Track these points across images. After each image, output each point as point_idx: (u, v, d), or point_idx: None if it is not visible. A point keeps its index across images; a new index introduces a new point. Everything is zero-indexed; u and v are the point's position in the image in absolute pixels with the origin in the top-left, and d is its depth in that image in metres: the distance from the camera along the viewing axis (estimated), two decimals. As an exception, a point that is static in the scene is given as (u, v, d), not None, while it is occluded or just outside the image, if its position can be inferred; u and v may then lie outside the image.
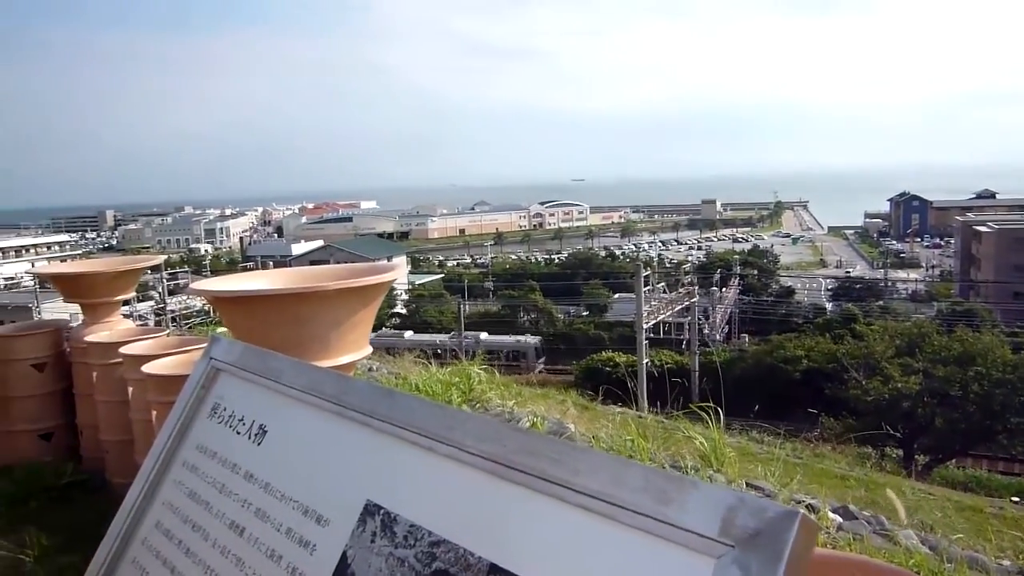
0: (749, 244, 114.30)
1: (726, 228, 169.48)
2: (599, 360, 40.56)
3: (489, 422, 1.09)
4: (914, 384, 26.67)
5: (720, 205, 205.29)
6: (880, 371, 28.25)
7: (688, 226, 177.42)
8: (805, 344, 38.87)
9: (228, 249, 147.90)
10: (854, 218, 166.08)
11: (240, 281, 3.04)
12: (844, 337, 38.36)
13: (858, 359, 30.56)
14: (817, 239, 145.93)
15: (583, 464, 0.93)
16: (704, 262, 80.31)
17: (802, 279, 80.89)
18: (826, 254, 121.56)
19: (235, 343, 1.80)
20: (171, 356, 4.81)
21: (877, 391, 27.06)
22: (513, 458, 1.00)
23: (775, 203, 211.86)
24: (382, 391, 1.27)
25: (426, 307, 58.06)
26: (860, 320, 45.30)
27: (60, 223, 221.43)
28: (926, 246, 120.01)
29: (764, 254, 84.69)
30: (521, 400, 7.33)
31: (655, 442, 5.28)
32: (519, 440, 1.01)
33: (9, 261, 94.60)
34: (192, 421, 1.78)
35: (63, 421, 6.17)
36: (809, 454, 15.14)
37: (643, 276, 33.01)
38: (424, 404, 1.20)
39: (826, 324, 47.09)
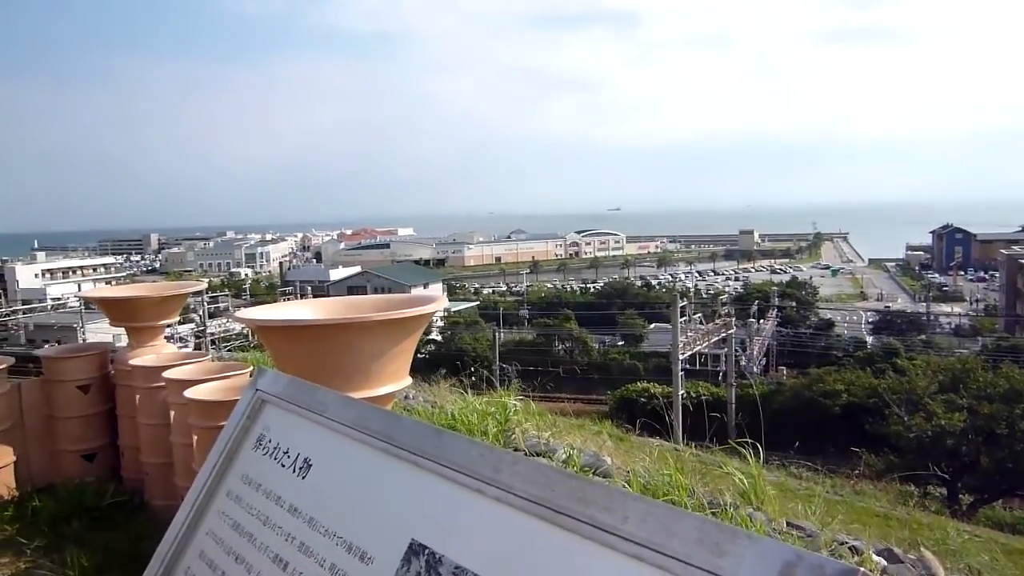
0: (787, 275, 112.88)
1: (764, 259, 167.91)
2: (634, 390, 40.21)
3: (539, 465, 1.08)
4: (958, 421, 25.97)
5: (758, 236, 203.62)
6: (923, 407, 27.57)
7: (725, 256, 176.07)
8: (845, 378, 38.15)
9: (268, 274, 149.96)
10: (895, 250, 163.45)
11: (284, 310, 3.07)
12: (885, 371, 37.54)
13: (900, 394, 29.87)
14: (857, 271, 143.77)
15: (634, 512, 0.92)
16: (741, 293, 79.49)
17: (842, 312, 79.61)
18: (867, 286, 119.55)
19: (281, 375, 1.81)
20: (212, 381, 4.87)
21: (919, 428, 26.39)
22: (562, 503, 0.99)
23: (814, 234, 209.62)
24: (430, 430, 1.27)
25: (461, 334, 58.11)
26: (902, 354, 44.37)
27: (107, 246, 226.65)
28: (970, 279, 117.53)
29: (803, 286, 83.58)
30: (557, 431, 7.28)
31: (693, 477, 5.20)
32: (569, 485, 1.00)
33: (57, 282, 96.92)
34: (237, 451, 1.80)
35: (106, 442, 6.26)
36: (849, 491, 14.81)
37: (679, 306, 32.81)
38: (473, 445, 1.20)
39: (867, 358, 46.20)
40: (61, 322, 57.51)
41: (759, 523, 4.37)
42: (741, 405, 33.71)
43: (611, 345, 62.70)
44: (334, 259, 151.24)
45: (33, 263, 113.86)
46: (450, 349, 55.06)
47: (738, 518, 4.35)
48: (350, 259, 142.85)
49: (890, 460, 26.35)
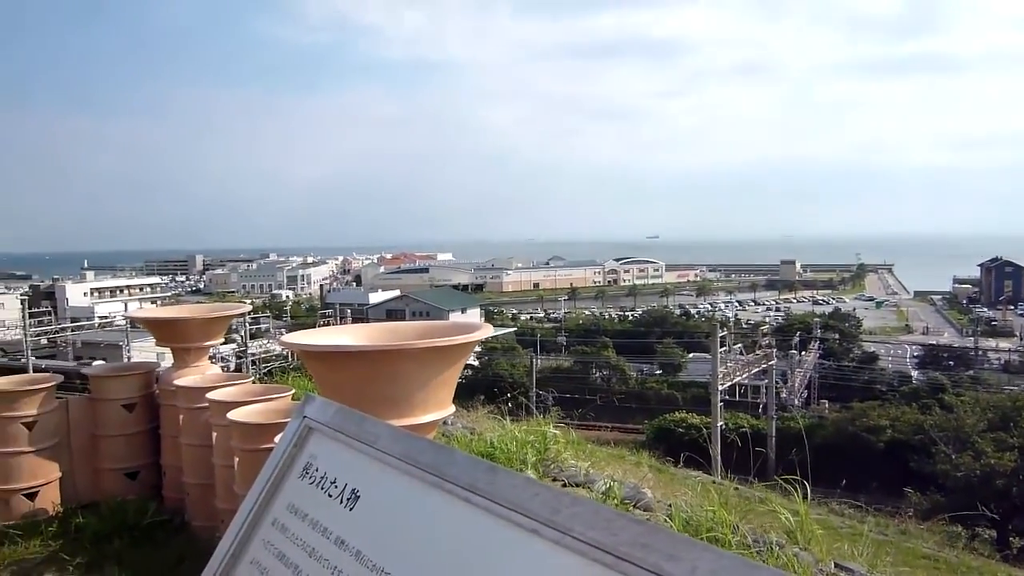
0: (830, 307, 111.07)
1: (806, 290, 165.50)
2: (672, 420, 39.76)
3: (599, 508, 1.04)
4: (1009, 461, 25.22)
5: (800, 266, 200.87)
6: (971, 445, 26.85)
7: (766, 287, 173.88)
8: (890, 413, 37.34)
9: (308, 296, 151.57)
10: (942, 283, 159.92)
11: (329, 336, 3.07)
12: (931, 408, 36.67)
13: (947, 432, 29.14)
14: (902, 304, 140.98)
15: (704, 562, 0.87)
16: (783, 324, 78.39)
17: (886, 345, 78.02)
18: (912, 319, 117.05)
19: (329, 403, 1.80)
20: (255, 404, 4.90)
21: (968, 467, 25.69)
22: (624, 550, 0.95)
23: (858, 265, 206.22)
24: (484, 465, 1.24)
25: (498, 360, 58.05)
26: (949, 390, 43.29)
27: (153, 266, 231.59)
28: (1020, 314, 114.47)
29: (846, 318, 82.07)
30: (595, 461, 7.18)
31: (736, 514, 5.07)
32: (632, 531, 0.96)
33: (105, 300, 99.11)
34: (283, 479, 1.78)
35: (148, 461, 6.32)
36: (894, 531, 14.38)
37: (719, 336, 32.40)
38: (529, 483, 1.16)
39: (912, 393, 45.19)
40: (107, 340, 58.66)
41: (806, 564, 4.24)
42: (781, 438, 33.16)
43: (649, 374, 62.18)
44: (373, 283, 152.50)
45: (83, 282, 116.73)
46: (487, 375, 55.02)
47: (784, 558, 4.22)
48: (389, 283, 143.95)
49: (936, 499, 25.63)
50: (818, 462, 27.24)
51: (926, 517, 20.07)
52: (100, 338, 61.43)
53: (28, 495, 5.81)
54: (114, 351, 52.21)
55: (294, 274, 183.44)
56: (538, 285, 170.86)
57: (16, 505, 5.75)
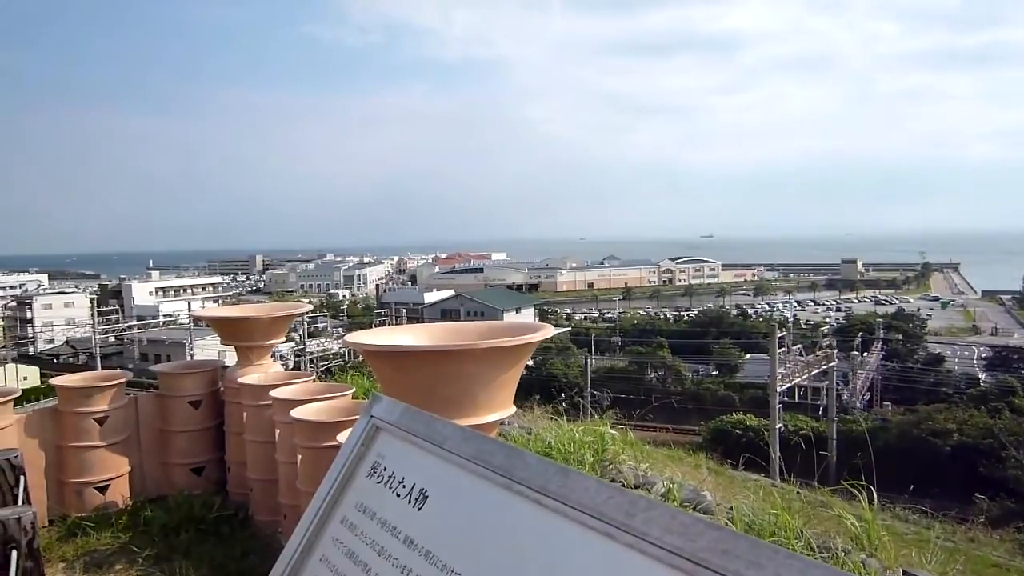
0: (893, 307, 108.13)
1: (868, 289, 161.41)
2: (728, 422, 39.23)
3: (676, 512, 1.02)
4: (1084, 467, 24.29)
5: (861, 265, 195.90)
6: (1044, 450, 25.92)
7: (826, 286, 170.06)
8: (957, 417, 36.20)
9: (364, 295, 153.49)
10: (1011, 282, 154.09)
11: (392, 336, 3.10)
12: (1001, 411, 35.49)
13: (1018, 436, 28.21)
14: (969, 304, 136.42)
15: (788, 570, 0.85)
16: (844, 324, 76.56)
17: (952, 346, 75.59)
18: (979, 320, 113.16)
19: (396, 403, 1.81)
20: (317, 402, 4.97)
21: (1040, 472, 24.81)
22: (704, 556, 0.93)
23: (922, 264, 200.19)
24: (555, 468, 1.23)
25: (553, 360, 57.97)
26: (1019, 393, 41.77)
27: (215, 266, 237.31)
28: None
29: (910, 318, 79.80)
30: (653, 463, 7.12)
31: (799, 518, 4.97)
32: (711, 536, 0.94)
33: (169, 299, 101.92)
34: (352, 478, 1.79)
35: (214, 456, 6.47)
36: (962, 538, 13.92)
37: (778, 337, 31.79)
38: (602, 486, 1.14)
39: (980, 396, 43.72)
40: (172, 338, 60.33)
41: (874, 571, 4.13)
42: (843, 441, 32.42)
43: (705, 375, 61.40)
44: (428, 282, 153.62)
45: (148, 281, 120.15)
46: (541, 374, 54.99)
47: (851, 564, 4.12)
48: (444, 283, 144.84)
49: (1008, 506, 24.80)
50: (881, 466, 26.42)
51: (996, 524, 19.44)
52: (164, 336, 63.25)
53: (99, 488, 6.00)
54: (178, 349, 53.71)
55: (351, 274, 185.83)
56: (592, 285, 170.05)
57: (88, 497, 5.95)
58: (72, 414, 5.91)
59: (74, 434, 5.92)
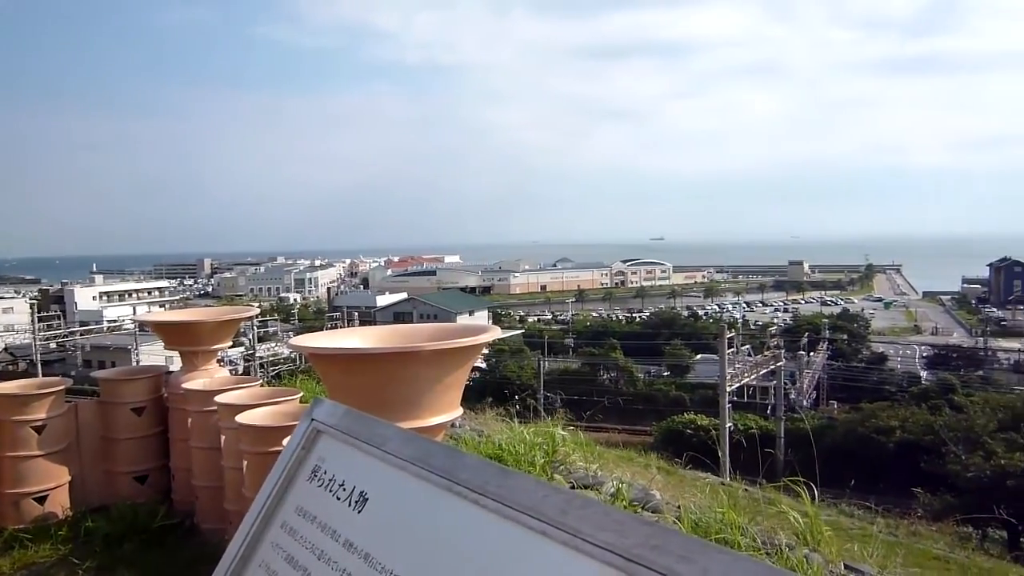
0: (838, 308, 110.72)
1: (814, 290, 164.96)
2: (680, 422, 39.65)
3: (609, 510, 1.03)
4: (1020, 461, 25.12)
5: (808, 267, 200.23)
6: (982, 446, 26.74)
7: (774, 288, 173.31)
8: (899, 414, 37.17)
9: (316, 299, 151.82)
10: (951, 283, 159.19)
11: (338, 339, 3.07)
12: (942, 408, 36.54)
13: (957, 432, 29.04)
14: (911, 304, 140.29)
15: (716, 564, 0.86)
16: (791, 325, 78.08)
17: (895, 345, 77.65)
18: (921, 320, 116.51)
19: (337, 405, 1.80)
20: (263, 407, 4.90)
21: (978, 467, 25.58)
22: (636, 552, 0.94)
23: (866, 266, 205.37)
24: (494, 468, 1.23)
25: (506, 362, 58.04)
26: (959, 391, 43.07)
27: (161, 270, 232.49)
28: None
29: (854, 318, 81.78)
30: (604, 463, 7.17)
31: (745, 515, 5.05)
32: (643, 532, 0.95)
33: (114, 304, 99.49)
34: (292, 482, 1.77)
35: (158, 464, 6.34)
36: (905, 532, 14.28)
37: (727, 337, 32.29)
38: (539, 485, 1.15)
39: (922, 394, 44.98)
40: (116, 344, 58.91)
41: (816, 565, 4.22)
42: (790, 439, 33.05)
43: (657, 376, 62.06)
44: (381, 285, 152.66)
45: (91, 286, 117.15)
46: (495, 377, 55.03)
47: (794, 560, 4.20)
48: (397, 286, 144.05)
49: (947, 500, 25.51)
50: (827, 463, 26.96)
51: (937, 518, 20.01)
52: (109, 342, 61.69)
53: (38, 499, 5.82)
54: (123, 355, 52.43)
55: (301, 277, 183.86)
56: (545, 287, 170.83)
57: (26, 509, 5.77)
58: (8, 423, 5.73)
59: (11, 443, 5.74)
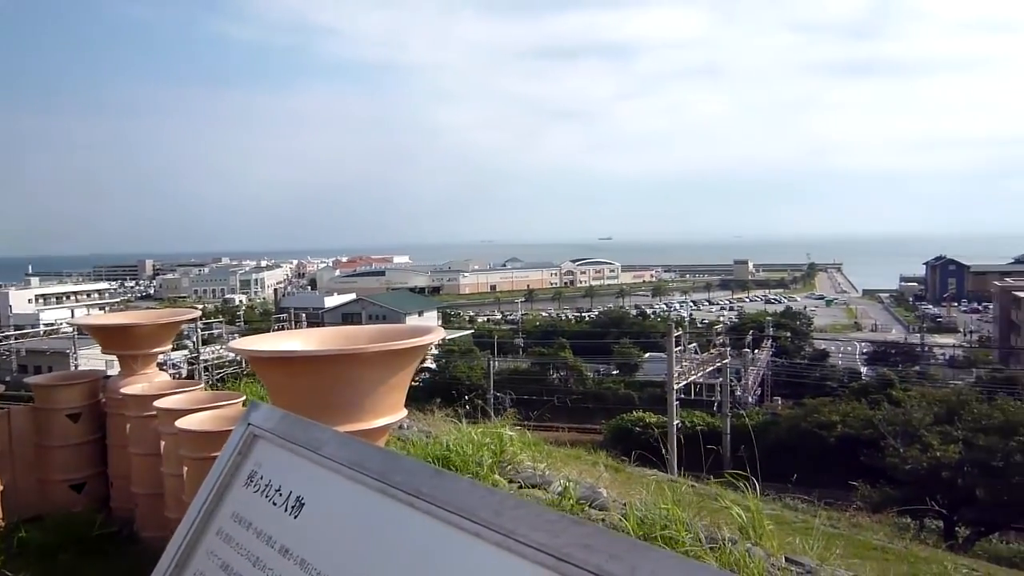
0: (782, 305, 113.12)
1: (759, 289, 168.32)
2: (629, 420, 40.10)
3: (542, 510, 1.04)
4: (954, 453, 25.93)
5: (752, 266, 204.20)
6: (918, 439, 27.54)
7: (720, 286, 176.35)
8: (840, 409, 38.10)
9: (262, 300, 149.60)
10: (889, 281, 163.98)
11: (279, 341, 3.03)
12: (880, 403, 37.56)
13: (896, 426, 29.86)
14: (851, 302, 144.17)
15: (645, 563, 0.87)
16: (736, 323, 79.51)
17: (836, 342, 79.69)
18: (861, 317, 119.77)
19: (275, 409, 1.77)
20: (204, 411, 4.81)
21: (916, 460, 26.34)
22: (567, 551, 0.95)
23: (808, 265, 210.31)
24: (429, 470, 1.23)
25: (456, 363, 57.93)
26: (897, 386, 44.36)
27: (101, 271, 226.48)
28: (964, 311, 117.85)
29: (797, 316, 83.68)
30: (552, 462, 7.20)
31: (690, 511, 5.12)
32: (575, 532, 0.96)
33: (51, 307, 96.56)
34: (228, 488, 1.74)
35: (95, 471, 6.16)
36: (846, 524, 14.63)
37: (675, 336, 32.74)
38: (474, 487, 1.15)
39: (862, 389, 46.20)
40: (54, 348, 57.20)
41: (758, 559, 4.29)
42: (737, 435, 33.65)
43: (606, 374, 62.62)
44: (329, 286, 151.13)
45: (27, 288, 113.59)
46: (445, 378, 54.91)
47: (736, 554, 4.27)
48: (345, 286, 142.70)
49: (887, 492, 26.23)
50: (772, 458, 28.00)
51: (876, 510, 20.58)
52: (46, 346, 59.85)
53: (-32, 509, 5.62)
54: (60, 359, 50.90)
55: (247, 278, 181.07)
56: (495, 287, 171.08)
57: (-44, 520, 5.57)
58: (-65, 431, 5.52)
59: (-62, 452, 5.53)
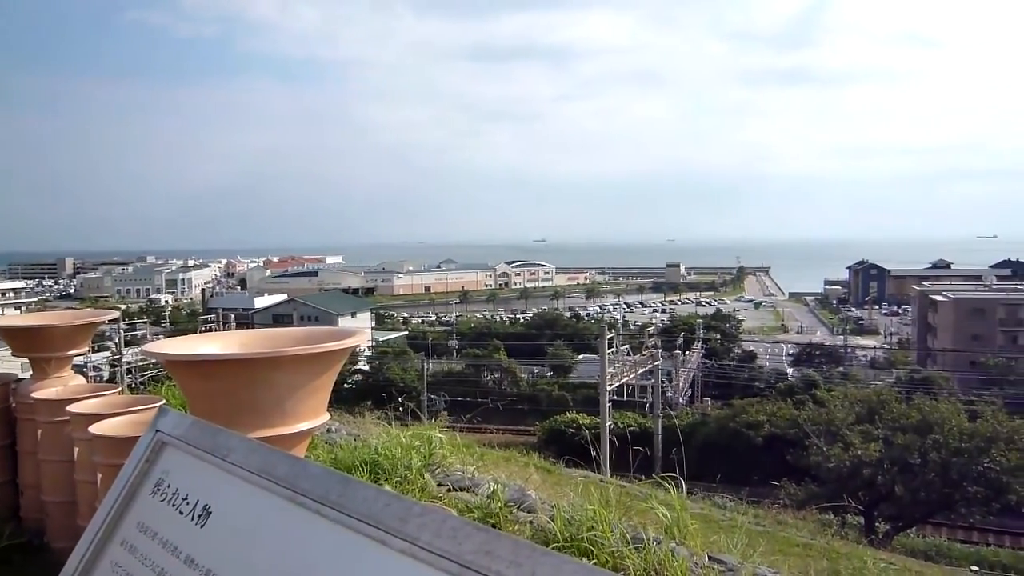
0: (712, 308, 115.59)
1: (690, 292, 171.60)
2: (563, 421, 40.42)
3: (447, 517, 1.04)
4: (874, 451, 26.85)
5: (684, 269, 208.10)
6: (841, 438, 28.43)
7: (652, 289, 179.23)
8: (767, 409, 39.10)
9: (189, 301, 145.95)
10: (815, 285, 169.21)
11: (195, 344, 2.95)
12: (805, 403, 38.69)
13: (819, 425, 30.76)
14: (778, 305, 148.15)
15: (543, 568, 0.88)
16: (668, 325, 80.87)
17: (764, 344, 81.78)
18: (787, 320, 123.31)
19: (184, 415, 1.73)
20: (120, 416, 4.66)
21: (838, 458, 27.18)
22: (470, 558, 0.95)
23: (737, 268, 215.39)
24: (336, 477, 1.21)
25: (389, 365, 57.47)
26: (821, 386, 45.77)
27: (17, 269, 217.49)
28: (884, 314, 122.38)
29: (727, 318, 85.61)
30: (483, 464, 7.20)
31: (617, 512, 5.19)
32: (477, 539, 0.96)
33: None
34: (134, 496, 1.69)
35: (4, 480, 5.91)
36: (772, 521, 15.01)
37: (607, 338, 33.09)
38: (380, 494, 1.14)
39: (788, 390, 47.52)
40: (-36, 350, 54.70)
41: (681, 558, 4.37)
42: (668, 436, 34.24)
43: (540, 376, 62.97)
44: (259, 287, 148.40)
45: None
46: (377, 380, 54.41)
47: (661, 553, 4.34)
48: (276, 287, 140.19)
49: (811, 490, 27.03)
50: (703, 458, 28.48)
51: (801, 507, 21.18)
52: (-44, 348, 57.20)
53: None
54: (-28, 362, 48.70)
55: (174, 278, 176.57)
56: (430, 288, 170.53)
57: None
58: None
59: None
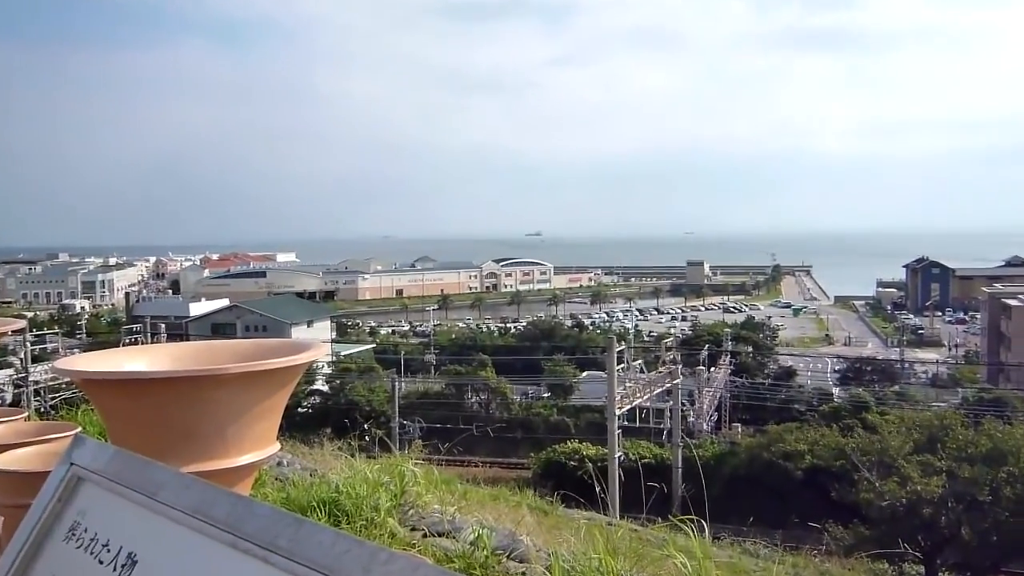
0: (742, 315, 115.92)
1: (715, 295, 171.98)
2: (562, 452, 40.43)
3: (420, 565, 1.04)
4: (936, 487, 26.84)
5: (709, 268, 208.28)
6: (896, 470, 28.43)
7: (671, 292, 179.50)
8: (808, 437, 39.15)
9: (111, 306, 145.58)
10: (865, 287, 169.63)
11: (117, 359, 2.95)
12: (854, 429, 38.73)
13: (870, 455, 30.79)
14: (822, 310, 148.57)
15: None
16: (689, 336, 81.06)
17: (805, 358, 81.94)
18: (833, 328, 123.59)
19: (105, 446, 1.73)
20: (27, 447, 4.64)
21: (893, 494, 27.18)
22: (446, 612, 0.96)
23: (773, 267, 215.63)
24: (287, 519, 1.22)
25: (353, 384, 57.36)
26: (872, 409, 45.92)
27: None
28: (948, 321, 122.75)
29: (760, 327, 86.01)
30: (466, 505, 7.21)
31: (628, 560, 5.20)
32: (454, 591, 0.97)
33: None
34: (44, 543, 1.69)
35: None
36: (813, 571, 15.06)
37: (617, 351, 33.15)
38: (339, 538, 1.15)
39: (833, 413, 47.65)
40: None
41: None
42: (689, 469, 34.29)
43: (535, 397, 62.98)
44: (195, 290, 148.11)
45: None
46: (339, 402, 54.35)
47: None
48: (216, 290, 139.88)
49: (860, 532, 27.09)
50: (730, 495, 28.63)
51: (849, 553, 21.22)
52: None
53: None
54: None
55: (91, 279, 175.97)
56: (402, 292, 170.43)
57: None
58: None
59: None
